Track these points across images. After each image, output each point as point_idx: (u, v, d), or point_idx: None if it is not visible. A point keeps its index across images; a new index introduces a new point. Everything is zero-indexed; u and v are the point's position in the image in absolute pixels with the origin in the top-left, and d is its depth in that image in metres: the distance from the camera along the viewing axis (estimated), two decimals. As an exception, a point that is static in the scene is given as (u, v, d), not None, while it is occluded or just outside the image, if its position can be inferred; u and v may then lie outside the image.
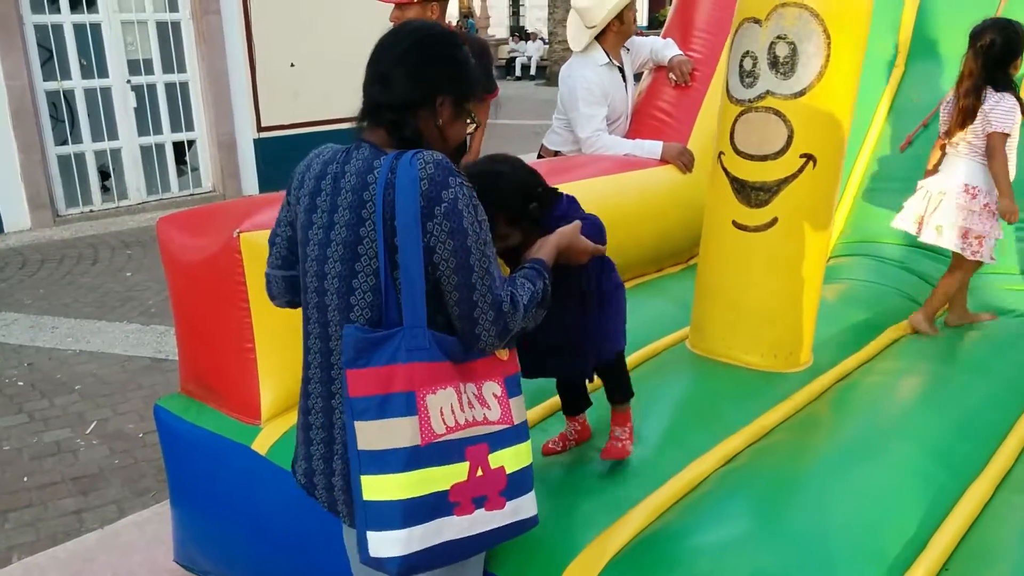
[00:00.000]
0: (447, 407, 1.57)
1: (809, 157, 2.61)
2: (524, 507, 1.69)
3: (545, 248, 1.82)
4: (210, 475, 2.60)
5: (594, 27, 3.96)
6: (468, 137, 3.96)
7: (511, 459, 1.65)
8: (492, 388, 1.65)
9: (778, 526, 2.01)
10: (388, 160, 1.58)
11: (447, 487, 1.57)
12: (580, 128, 3.99)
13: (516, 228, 1.90)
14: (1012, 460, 2.40)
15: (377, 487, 1.55)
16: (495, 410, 1.64)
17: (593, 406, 2.30)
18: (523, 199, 1.91)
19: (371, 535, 1.55)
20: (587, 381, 2.20)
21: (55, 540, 3.21)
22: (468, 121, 1.75)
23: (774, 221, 2.69)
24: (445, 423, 1.56)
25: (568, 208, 1.99)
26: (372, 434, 1.54)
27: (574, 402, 2.27)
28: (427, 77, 1.66)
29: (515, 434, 1.67)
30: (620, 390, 2.18)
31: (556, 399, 2.54)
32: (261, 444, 2.43)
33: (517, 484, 1.66)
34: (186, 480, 2.70)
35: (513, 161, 1.98)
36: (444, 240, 1.54)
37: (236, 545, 2.59)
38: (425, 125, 1.67)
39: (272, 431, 2.44)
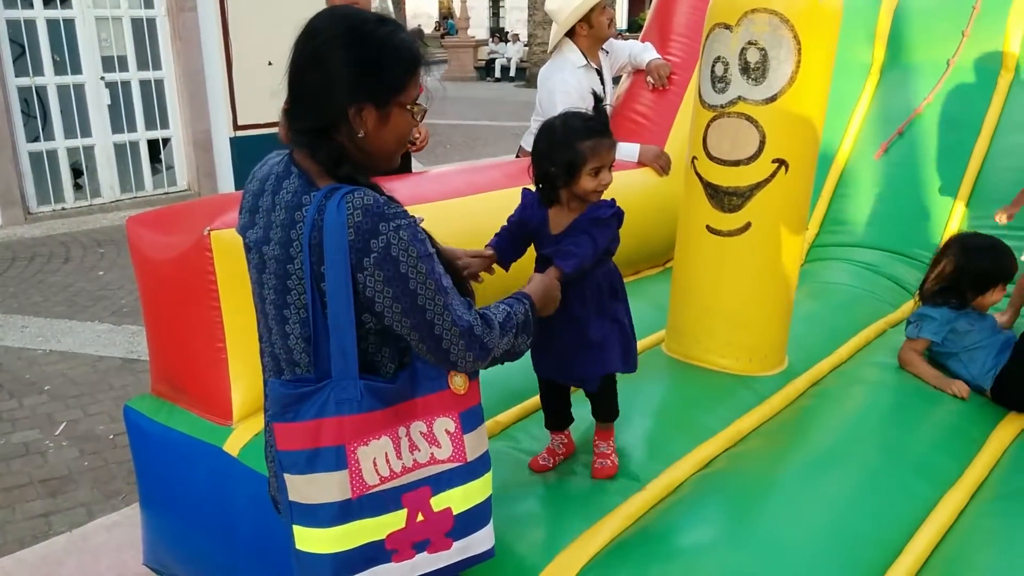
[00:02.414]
0: (381, 457, 1.52)
1: (781, 162, 2.63)
2: (476, 543, 1.65)
3: (533, 284, 1.83)
4: (181, 477, 2.58)
5: (561, 28, 4.00)
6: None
7: (460, 499, 1.60)
8: (445, 424, 1.59)
9: (752, 531, 2.02)
10: (317, 198, 1.47)
11: (383, 536, 1.53)
12: None
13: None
14: (988, 468, 2.42)
15: (308, 539, 1.51)
16: (446, 448, 1.59)
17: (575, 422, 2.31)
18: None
19: None
20: (592, 390, 2.19)
21: (22, 543, 3.17)
22: (412, 116, 1.58)
23: (747, 226, 2.71)
24: (379, 473, 1.51)
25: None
26: (301, 487, 1.50)
27: (559, 418, 2.28)
28: (332, 92, 1.49)
29: (467, 472, 1.61)
30: (607, 410, 2.22)
31: (531, 401, 2.56)
32: (232, 445, 2.41)
33: (467, 523, 1.62)
34: (156, 482, 2.68)
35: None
36: (381, 290, 1.46)
37: (207, 548, 2.57)
38: (343, 141, 1.52)
39: (244, 432, 2.42)
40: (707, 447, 2.38)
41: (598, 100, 2.06)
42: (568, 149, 1.98)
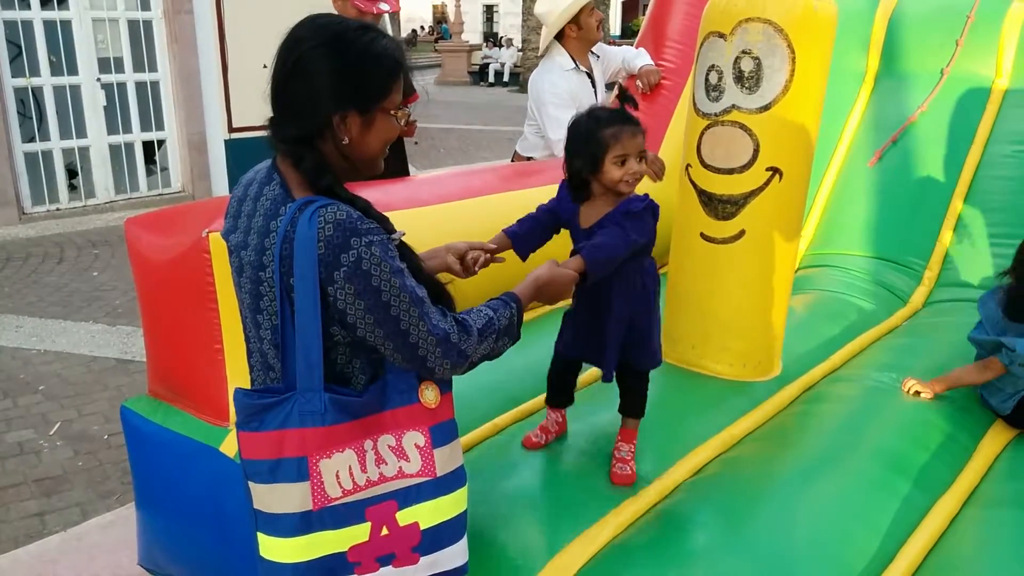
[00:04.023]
0: (344, 470, 1.52)
1: (775, 170, 2.65)
2: (446, 559, 1.64)
3: (524, 284, 1.82)
4: (177, 477, 2.58)
5: (551, 30, 4.04)
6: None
7: (428, 513, 1.60)
8: (414, 439, 1.59)
9: (746, 537, 2.03)
10: (291, 211, 1.47)
11: (344, 549, 1.54)
12: (551, 130, 4.03)
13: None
14: (979, 475, 2.43)
15: (271, 547, 1.54)
16: (415, 462, 1.58)
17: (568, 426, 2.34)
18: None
19: None
20: (608, 380, 2.22)
21: (17, 543, 3.17)
22: (396, 121, 1.59)
23: (741, 233, 2.73)
24: (341, 487, 1.52)
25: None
26: (264, 496, 1.52)
27: (562, 395, 2.32)
28: (316, 101, 1.50)
29: (437, 486, 1.61)
30: (637, 405, 2.26)
31: (528, 405, 2.58)
32: (229, 446, 2.41)
33: (436, 538, 1.61)
34: (152, 482, 2.68)
35: None
36: (353, 302, 1.46)
37: (202, 549, 2.57)
38: (327, 149, 1.54)
39: (240, 434, 2.43)
40: (701, 452, 2.40)
41: (623, 90, 2.11)
42: (590, 139, 2.02)
